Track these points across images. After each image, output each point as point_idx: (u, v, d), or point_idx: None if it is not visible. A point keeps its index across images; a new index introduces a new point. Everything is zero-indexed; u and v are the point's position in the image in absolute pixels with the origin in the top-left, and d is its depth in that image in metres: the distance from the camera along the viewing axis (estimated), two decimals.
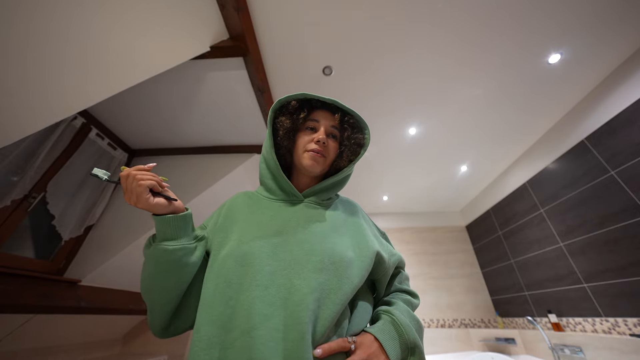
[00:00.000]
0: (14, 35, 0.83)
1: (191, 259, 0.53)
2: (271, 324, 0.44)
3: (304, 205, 0.64)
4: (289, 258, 0.52)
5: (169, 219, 0.51)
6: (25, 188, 1.37)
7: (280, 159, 0.70)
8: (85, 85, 1.07)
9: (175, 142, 2.10)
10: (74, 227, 1.63)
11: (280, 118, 0.66)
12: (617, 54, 1.61)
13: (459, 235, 3.42)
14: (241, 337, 0.43)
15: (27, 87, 0.94)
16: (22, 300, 1.27)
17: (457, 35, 1.48)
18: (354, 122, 0.68)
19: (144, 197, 0.49)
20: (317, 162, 0.64)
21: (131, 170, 0.50)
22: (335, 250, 0.54)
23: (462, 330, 2.74)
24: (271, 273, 0.50)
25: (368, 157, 2.52)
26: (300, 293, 0.47)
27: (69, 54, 0.96)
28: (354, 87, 1.79)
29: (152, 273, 0.52)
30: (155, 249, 0.51)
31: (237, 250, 0.53)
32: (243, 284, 0.48)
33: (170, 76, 1.49)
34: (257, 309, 0.45)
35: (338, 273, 0.51)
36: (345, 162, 0.68)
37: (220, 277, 0.51)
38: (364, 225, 0.65)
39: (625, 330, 1.58)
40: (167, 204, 0.52)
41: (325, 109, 0.70)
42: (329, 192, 0.68)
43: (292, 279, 0.49)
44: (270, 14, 1.36)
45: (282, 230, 0.56)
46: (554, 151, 2.14)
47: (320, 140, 0.63)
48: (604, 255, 1.72)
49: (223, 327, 0.45)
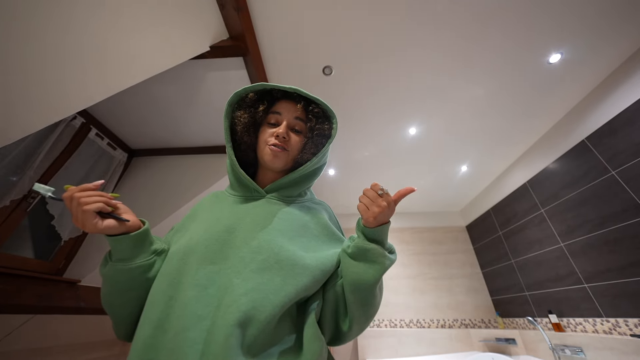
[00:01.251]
0: (14, 35, 0.83)
1: (150, 274, 0.51)
2: (203, 325, 0.42)
3: (264, 201, 0.60)
4: (234, 256, 0.49)
5: (121, 239, 0.49)
6: (25, 188, 1.37)
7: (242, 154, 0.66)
8: (84, 85, 1.06)
9: (175, 142, 2.10)
10: (74, 227, 1.63)
11: (237, 113, 0.62)
12: (617, 54, 1.61)
13: (459, 235, 3.42)
14: (174, 338, 0.41)
15: (27, 86, 0.93)
16: (22, 301, 1.26)
17: (457, 35, 1.48)
18: (319, 111, 0.63)
19: (91, 222, 0.45)
20: (278, 157, 0.60)
21: (74, 192, 0.45)
22: (283, 248, 0.50)
23: (462, 330, 2.74)
24: (214, 272, 0.47)
25: (368, 157, 2.51)
26: (235, 294, 0.44)
27: (68, 53, 0.96)
28: (354, 87, 1.79)
29: (111, 291, 0.50)
30: (110, 268, 0.49)
31: (184, 248, 0.51)
32: (183, 283, 0.46)
33: (170, 76, 1.49)
34: (191, 309, 0.43)
35: (282, 273, 0.47)
36: (308, 155, 0.63)
37: (164, 275, 0.49)
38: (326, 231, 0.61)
39: (626, 330, 1.58)
40: (118, 224, 0.48)
41: (289, 99, 0.64)
42: (293, 189, 0.64)
43: (233, 279, 0.46)
44: (270, 13, 1.36)
45: (235, 227, 0.53)
46: (555, 151, 2.13)
47: (280, 135, 0.59)
48: (604, 255, 1.71)
49: (161, 327, 0.43)
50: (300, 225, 0.58)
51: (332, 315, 0.54)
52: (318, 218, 0.62)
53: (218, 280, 0.46)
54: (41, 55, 0.91)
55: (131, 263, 0.49)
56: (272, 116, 0.63)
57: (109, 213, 0.48)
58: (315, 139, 0.64)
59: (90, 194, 0.46)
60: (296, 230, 0.56)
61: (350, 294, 0.51)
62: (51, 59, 0.94)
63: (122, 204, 0.51)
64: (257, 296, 0.44)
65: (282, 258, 0.49)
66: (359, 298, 0.51)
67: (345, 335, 0.55)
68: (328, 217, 0.66)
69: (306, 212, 0.62)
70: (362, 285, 0.50)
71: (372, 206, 0.50)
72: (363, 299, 0.51)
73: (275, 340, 0.45)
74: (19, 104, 0.95)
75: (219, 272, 0.47)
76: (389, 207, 0.50)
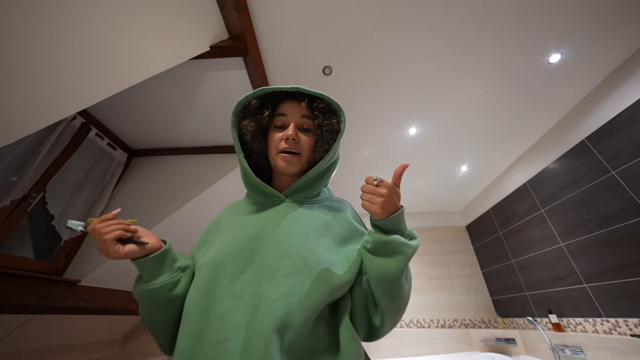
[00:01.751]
0: (15, 35, 0.83)
1: (176, 291, 0.53)
2: (242, 334, 0.43)
3: (285, 206, 0.60)
4: (263, 263, 0.49)
5: (143, 262, 0.51)
6: (25, 188, 1.37)
7: (255, 162, 0.67)
8: (84, 85, 1.07)
9: (175, 142, 2.10)
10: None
11: (244, 122, 0.62)
12: (617, 54, 1.61)
13: (459, 235, 3.42)
14: (213, 348, 0.42)
15: (27, 86, 0.93)
16: (22, 301, 1.26)
17: (458, 35, 1.48)
18: (325, 106, 0.62)
19: (112, 249, 0.48)
20: (291, 162, 0.60)
21: (95, 224, 0.49)
22: (311, 251, 0.51)
23: (462, 330, 2.74)
24: (247, 281, 0.48)
25: (368, 157, 2.51)
26: (269, 300, 0.45)
27: (69, 53, 0.96)
28: (354, 87, 1.79)
29: (145, 310, 0.53)
30: (139, 289, 0.52)
31: (213, 260, 0.52)
32: (217, 294, 0.47)
33: (170, 76, 1.49)
34: (229, 319, 0.44)
35: (312, 276, 0.48)
36: (321, 153, 0.62)
37: (196, 288, 0.50)
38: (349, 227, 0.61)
39: (626, 330, 1.58)
40: (139, 248, 0.51)
41: (292, 99, 0.63)
42: (311, 189, 0.63)
43: (264, 285, 0.47)
44: (270, 13, 1.36)
45: (260, 234, 0.54)
46: (555, 151, 2.13)
47: (289, 138, 0.59)
48: (604, 255, 1.71)
49: (198, 338, 0.44)
50: (323, 225, 0.57)
51: (363, 312, 0.54)
52: (340, 216, 0.62)
53: (251, 288, 0.47)
54: (41, 55, 0.91)
55: (157, 282, 0.51)
56: (278, 119, 0.63)
57: (129, 238, 0.51)
58: (325, 135, 0.63)
59: (109, 223, 0.49)
60: (320, 231, 0.56)
61: (377, 288, 0.51)
62: (51, 59, 0.94)
63: (141, 228, 0.54)
64: (291, 300, 0.45)
65: (311, 261, 0.49)
66: (386, 291, 0.50)
67: (379, 330, 0.54)
68: (350, 214, 0.65)
69: (327, 212, 0.61)
70: (387, 278, 0.49)
71: (373, 199, 0.50)
72: (391, 292, 0.50)
73: (313, 344, 0.46)
74: (19, 104, 0.95)
75: (250, 280, 0.48)
76: (390, 192, 0.50)
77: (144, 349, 2.24)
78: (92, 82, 1.08)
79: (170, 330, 0.53)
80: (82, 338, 1.89)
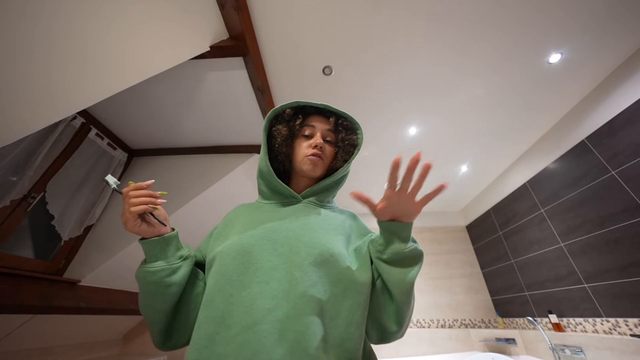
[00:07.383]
0: (15, 36, 0.83)
1: (174, 278, 0.53)
2: (274, 316, 0.44)
3: (302, 205, 0.65)
4: (288, 252, 0.52)
5: (152, 241, 0.53)
6: (25, 188, 1.37)
7: (279, 165, 0.72)
8: (84, 85, 1.07)
9: (175, 142, 2.10)
10: (74, 227, 1.63)
11: (277, 126, 0.69)
12: (617, 54, 1.61)
13: (459, 235, 3.42)
14: (243, 332, 0.43)
15: (27, 86, 0.93)
16: (22, 301, 1.26)
17: (458, 34, 1.48)
18: (348, 124, 0.71)
19: (132, 223, 0.50)
20: (317, 165, 0.67)
21: (129, 191, 0.51)
22: (334, 244, 0.55)
23: (462, 330, 2.74)
24: (272, 269, 0.50)
25: (368, 157, 2.51)
26: (303, 285, 0.47)
27: (68, 54, 0.96)
28: (353, 87, 1.79)
29: (142, 293, 0.54)
30: (140, 271, 0.53)
31: (236, 247, 0.54)
32: (244, 281, 0.49)
33: (170, 76, 1.49)
34: (259, 304, 0.46)
35: (338, 266, 0.52)
36: (340, 162, 0.71)
37: (221, 274, 0.51)
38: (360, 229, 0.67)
39: (626, 330, 1.58)
40: (153, 229, 0.54)
41: (319, 114, 0.73)
42: (328, 193, 0.70)
43: (293, 272, 0.49)
44: (270, 13, 1.36)
45: (281, 227, 0.57)
46: (555, 151, 2.13)
47: (317, 145, 0.66)
48: (604, 255, 1.71)
49: (223, 323, 0.45)
50: (339, 224, 0.63)
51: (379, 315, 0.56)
52: (352, 219, 0.69)
53: (276, 275, 0.49)
54: (41, 55, 0.91)
55: (156, 265, 0.53)
56: (306, 129, 0.70)
57: (151, 213, 0.53)
58: (346, 148, 0.71)
59: (140, 193, 0.51)
60: (336, 229, 0.60)
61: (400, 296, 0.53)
62: (51, 59, 0.94)
63: (163, 210, 0.57)
64: (323, 289, 0.48)
65: (335, 252, 0.53)
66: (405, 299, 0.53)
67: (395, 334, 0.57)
68: (358, 221, 0.71)
69: (339, 214, 0.68)
70: (403, 287, 0.52)
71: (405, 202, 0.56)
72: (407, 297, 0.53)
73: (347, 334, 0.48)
74: (18, 104, 0.95)
75: (276, 268, 0.50)
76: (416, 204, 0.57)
77: (144, 349, 2.24)
78: (92, 82, 1.08)
79: (161, 321, 0.54)
80: (82, 338, 1.89)
